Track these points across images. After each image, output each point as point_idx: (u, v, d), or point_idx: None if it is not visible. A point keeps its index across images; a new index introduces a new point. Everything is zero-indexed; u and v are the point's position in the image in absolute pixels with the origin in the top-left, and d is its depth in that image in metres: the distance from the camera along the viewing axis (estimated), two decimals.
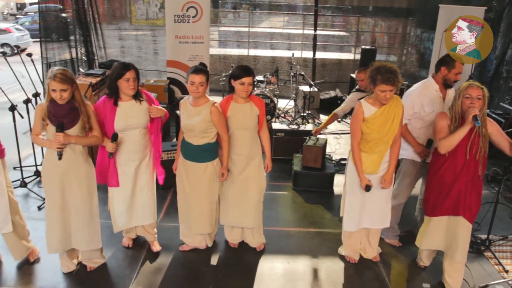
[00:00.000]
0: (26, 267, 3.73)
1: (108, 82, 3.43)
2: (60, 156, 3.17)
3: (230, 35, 13.37)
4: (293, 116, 7.65)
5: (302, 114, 7.37)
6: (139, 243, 4.09)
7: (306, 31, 11.27)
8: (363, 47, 9.22)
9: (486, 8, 8.56)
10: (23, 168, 5.19)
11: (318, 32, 9.75)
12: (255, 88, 7.86)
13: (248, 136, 3.70)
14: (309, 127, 6.58)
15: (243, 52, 11.19)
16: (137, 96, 3.50)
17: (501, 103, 8.67)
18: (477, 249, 4.25)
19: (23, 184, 5.09)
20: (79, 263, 3.74)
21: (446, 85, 3.80)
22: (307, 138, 5.52)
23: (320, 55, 10.25)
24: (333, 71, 10.24)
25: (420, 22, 10.78)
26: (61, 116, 3.18)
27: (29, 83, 5.80)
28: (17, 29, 19.85)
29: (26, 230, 3.76)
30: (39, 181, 5.25)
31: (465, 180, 3.38)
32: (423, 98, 3.79)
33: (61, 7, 9.49)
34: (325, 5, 12.00)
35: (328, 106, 8.26)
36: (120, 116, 3.43)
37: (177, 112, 5.45)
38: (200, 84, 3.41)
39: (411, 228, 4.44)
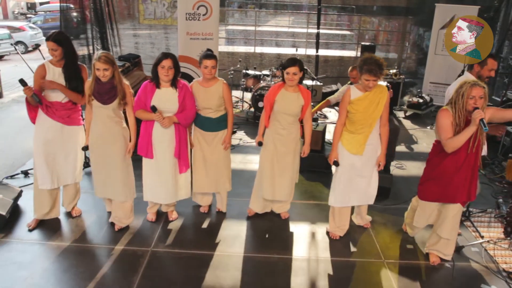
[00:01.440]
0: (70, 221, 4.47)
1: (152, 68, 3.98)
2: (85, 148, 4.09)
3: (237, 33, 13.95)
4: None
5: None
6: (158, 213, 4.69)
7: (310, 30, 11.82)
8: (362, 43, 9.76)
9: (480, 7, 9.03)
10: None
11: (322, 31, 10.31)
12: (261, 81, 8.45)
13: (289, 121, 4.19)
14: None
15: (249, 49, 11.77)
16: (174, 84, 4.02)
17: (493, 96, 9.18)
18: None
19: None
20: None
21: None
22: None
23: (323, 52, 10.80)
24: (335, 67, 10.79)
25: (419, 20, 11.29)
26: (103, 93, 3.82)
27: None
28: (30, 27, 20.46)
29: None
30: None
31: (465, 172, 3.66)
32: None
33: (72, 6, 10.10)
34: (331, 4, 12.54)
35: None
36: (156, 98, 3.97)
37: None
38: (212, 67, 4.05)
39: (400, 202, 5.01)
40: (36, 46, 18.90)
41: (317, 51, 10.12)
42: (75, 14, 10.06)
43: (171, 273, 3.78)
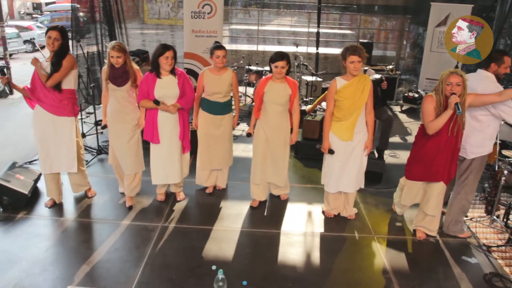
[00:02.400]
0: (86, 200, 4.91)
1: (152, 59, 4.36)
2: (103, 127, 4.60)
3: (240, 32, 14.32)
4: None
5: (304, 99, 8.31)
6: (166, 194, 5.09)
7: (311, 29, 12.18)
8: (360, 41, 10.12)
9: (473, 5, 9.38)
10: None
11: (324, 30, 10.66)
12: (263, 76, 8.82)
13: (278, 110, 4.53)
14: (304, 107, 7.53)
15: (252, 47, 12.15)
16: (173, 72, 4.43)
17: None
18: (446, 202, 5.17)
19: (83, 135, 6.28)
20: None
21: (497, 79, 4.12)
22: (307, 115, 6.47)
23: (323, 50, 11.16)
24: (335, 63, 11.13)
25: (418, 19, 11.62)
26: (117, 76, 4.29)
27: None
28: (38, 27, 20.92)
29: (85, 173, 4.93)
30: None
31: (446, 153, 3.99)
32: None
33: (78, 6, 10.50)
34: (334, 4, 12.89)
35: None
36: (158, 86, 4.36)
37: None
38: (223, 57, 4.50)
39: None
40: (41, 47, 19.39)
41: (317, 49, 10.49)
42: (81, 14, 10.45)
43: (179, 245, 4.16)
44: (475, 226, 4.64)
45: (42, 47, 19.76)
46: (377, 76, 5.97)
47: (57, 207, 4.71)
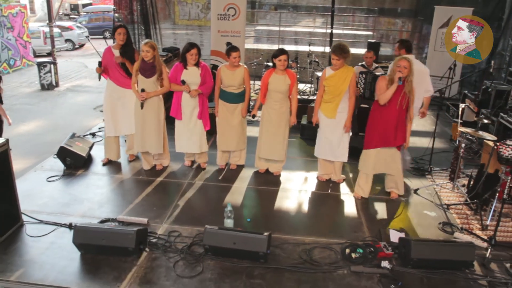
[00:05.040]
0: (129, 163, 6.13)
1: (181, 54, 5.57)
2: (141, 105, 5.51)
3: (265, 33, 15.51)
4: (307, 92, 9.78)
5: (316, 92, 9.46)
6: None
7: (328, 30, 13.27)
8: (369, 41, 11.17)
9: (473, 8, 10.28)
10: None
11: (341, 31, 11.74)
12: None
13: (280, 97, 5.63)
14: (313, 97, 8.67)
15: (273, 46, 13.32)
16: (197, 65, 5.57)
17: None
18: (422, 174, 6.23)
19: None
20: (155, 166, 6.07)
21: None
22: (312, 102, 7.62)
23: None
24: (346, 61, 12.17)
25: (426, 21, 12.56)
26: (146, 69, 5.43)
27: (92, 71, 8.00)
28: (77, 27, 22.49)
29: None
30: None
31: (396, 123, 4.94)
32: None
33: (115, 7, 11.88)
34: (360, 6, 13.95)
35: None
36: (184, 75, 5.55)
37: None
38: (238, 57, 5.56)
39: None
40: (80, 46, 21.00)
41: (330, 48, 11.59)
42: (116, 15, 11.82)
43: (201, 194, 5.41)
44: (440, 190, 5.70)
45: (81, 46, 21.48)
46: (379, 73, 7.10)
47: (108, 166, 6.06)
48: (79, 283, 3.70)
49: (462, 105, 5.70)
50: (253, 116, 5.91)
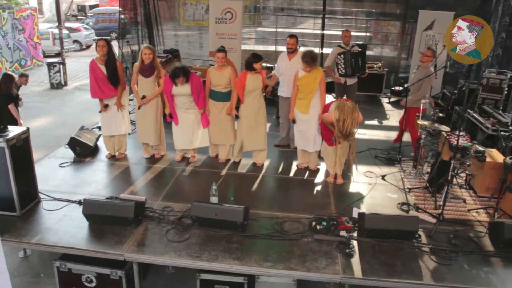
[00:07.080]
0: (127, 156, 6.93)
1: (171, 75, 5.98)
2: (139, 106, 6.32)
3: (265, 34, 16.26)
4: None
5: None
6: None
7: (324, 32, 14.06)
8: (357, 42, 11.89)
9: (455, 12, 10.95)
10: None
11: (333, 32, 12.56)
12: (272, 71, 10.75)
13: (256, 93, 6.40)
14: None
15: (269, 47, 14.09)
16: (187, 81, 6.08)
17: None
18: (393, 162, 6.97)
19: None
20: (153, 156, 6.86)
21: None
22: None
23: (328, 50, 12.98)
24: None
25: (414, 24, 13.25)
26: (145, 70, 6.19)
27: None
28: (85, 28, 23.32)
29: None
30: None
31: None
32: None
33: (120, 9, 12.65)
34: (362, 9, 14.69)
35: (330, 87, 10.96)
36: (174, 89, 6.13)
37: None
38: (223, 58, 6.26)
39: None
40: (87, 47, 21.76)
41: (321, 49, 12.37)
42: (122, 16, 12.56)
43: (193, 178, 6.22)
44: (405, 177, 6.44)
45: (88, 46, 22.31)
46: (356, 51, 7.97)
47: (112, 158, 6.85)
48: (88, 245, 4.50)
49: (423, 101, 6.44)
50: (236, 117, 6.52)
